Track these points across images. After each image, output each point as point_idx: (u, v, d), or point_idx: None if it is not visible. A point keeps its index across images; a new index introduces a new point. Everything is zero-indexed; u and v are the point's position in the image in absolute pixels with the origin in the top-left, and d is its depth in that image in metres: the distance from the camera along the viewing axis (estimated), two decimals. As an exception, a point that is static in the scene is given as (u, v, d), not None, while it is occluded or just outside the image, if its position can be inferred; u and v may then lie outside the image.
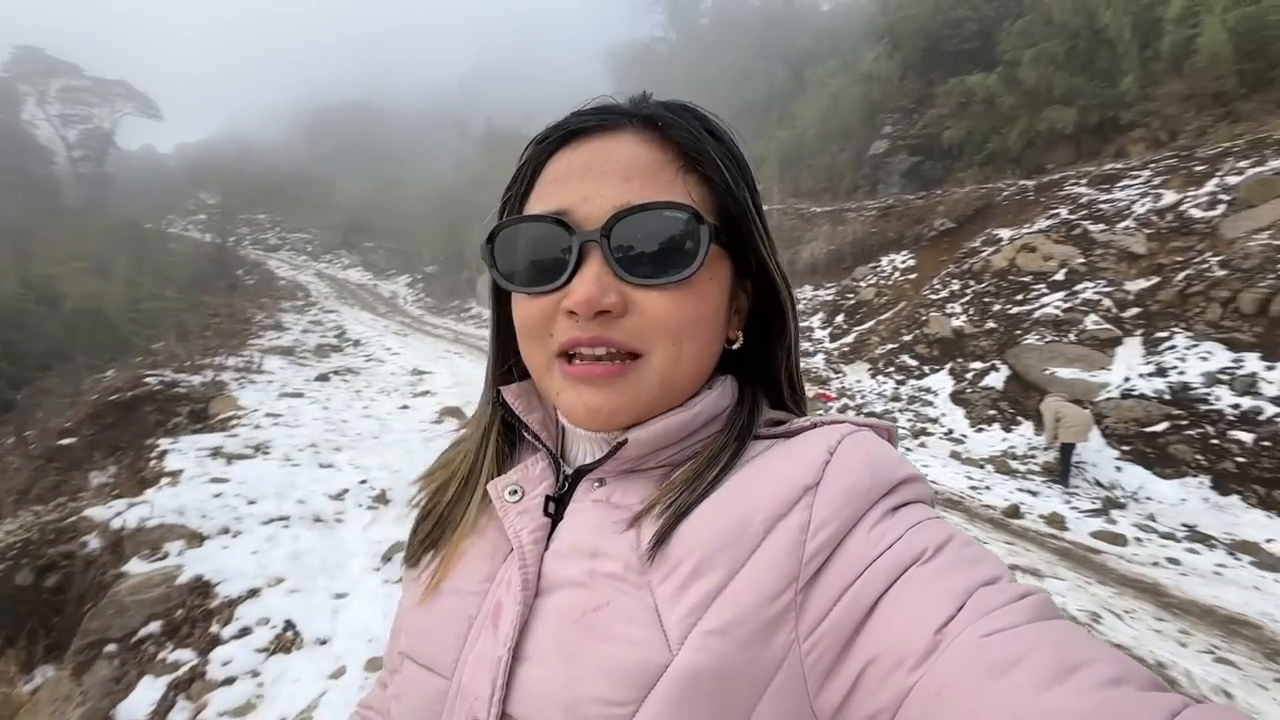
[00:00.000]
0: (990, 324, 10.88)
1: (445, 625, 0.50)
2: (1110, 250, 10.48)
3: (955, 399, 10.40)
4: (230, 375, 8.79)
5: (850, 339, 12.96)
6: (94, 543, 3.62)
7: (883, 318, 13.04)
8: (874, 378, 11.61)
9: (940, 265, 13.02)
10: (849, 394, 11.20)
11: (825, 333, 13.94)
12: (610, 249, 0.45)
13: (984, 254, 12.04)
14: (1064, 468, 7.68)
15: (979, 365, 10.58)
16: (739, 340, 0.53)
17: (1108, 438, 8.20)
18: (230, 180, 45.78)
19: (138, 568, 3.33)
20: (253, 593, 3.10)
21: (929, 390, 10.78)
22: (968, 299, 11.57)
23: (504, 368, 0.57)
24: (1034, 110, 15.34)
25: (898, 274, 13.98)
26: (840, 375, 11.86)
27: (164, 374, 8.35)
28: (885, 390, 11.14)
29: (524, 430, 0.54)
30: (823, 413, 0.52)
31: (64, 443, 6.99)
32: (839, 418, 0.50)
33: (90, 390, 9.25)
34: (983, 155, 16.39)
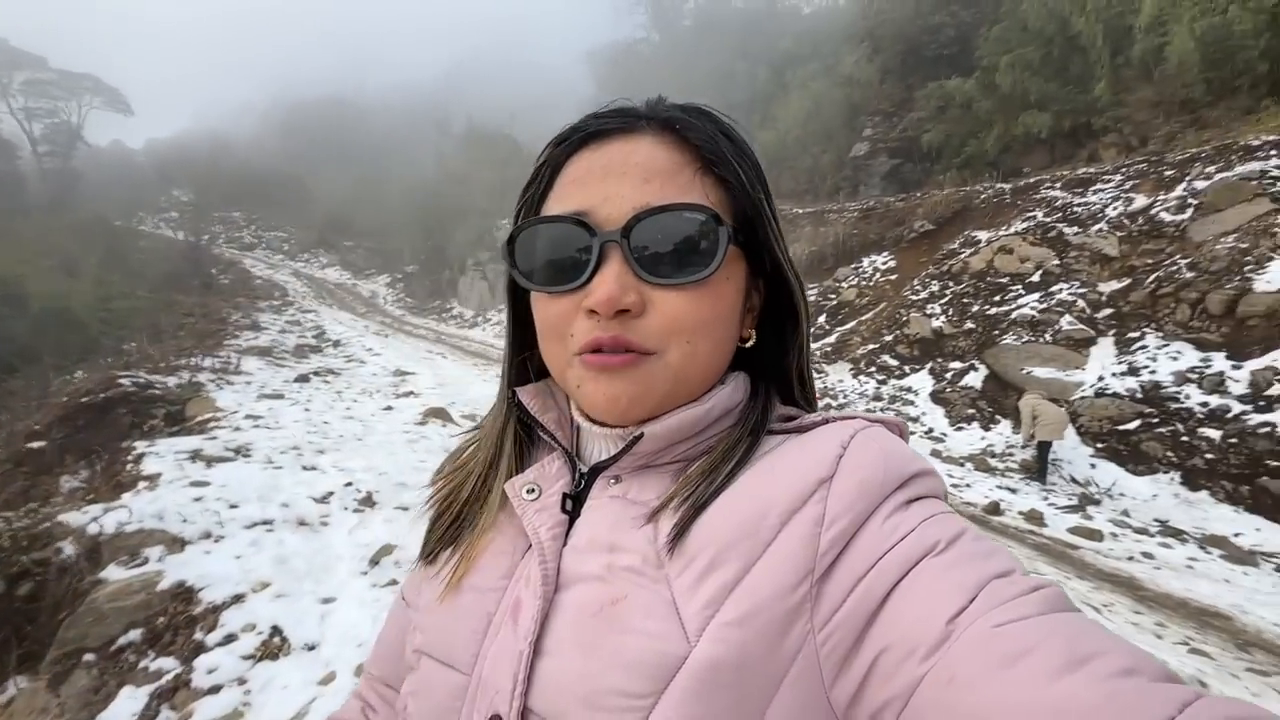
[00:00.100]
0: (969, 324, 11.07)
1: (464, 621, 0.50)
2: (1084, 252, 10.73)
3: (935, 398, 10.56)
4: (207, 376, 8.59)
5: (832, 339, 13.09)
6: (69, 549, 3.51)
7: (864, 318, 13.20)
8: (856, 378, 11.74)
9: (920, 266, 13.21)
10: (831, 394, 11.31)
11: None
12: (630, 249, 0.45)
13: (962, 255, 12.25)
14: (1041, 465, 7.85)
15: (958, 365, 10.77)
16: (752, 339, 0.54)
17: (1082, 435, 8.40)
18: (203, 177, 44.70)
19: (116, 574, 3.24)
20: (237, 598, 3.04)
21: (910, 390, 10.94)
22: (947, 300, 11.76)
23: (520, 357, 0.57)
24: (1010, 115, 15.67)
25: (879, 275, 14.15)
26: (822, 375, 11.95)
27: (138, 375, 8.12)
28: (867, 390, 11.27)
29: (539, 430, 0.55)
30: (835, 408, 0.53)
31: (33, 446, 6.75)
32: (851, 413, 0.50)
33: (60, 392, 8.96)
34: (961, 158, 16.69)
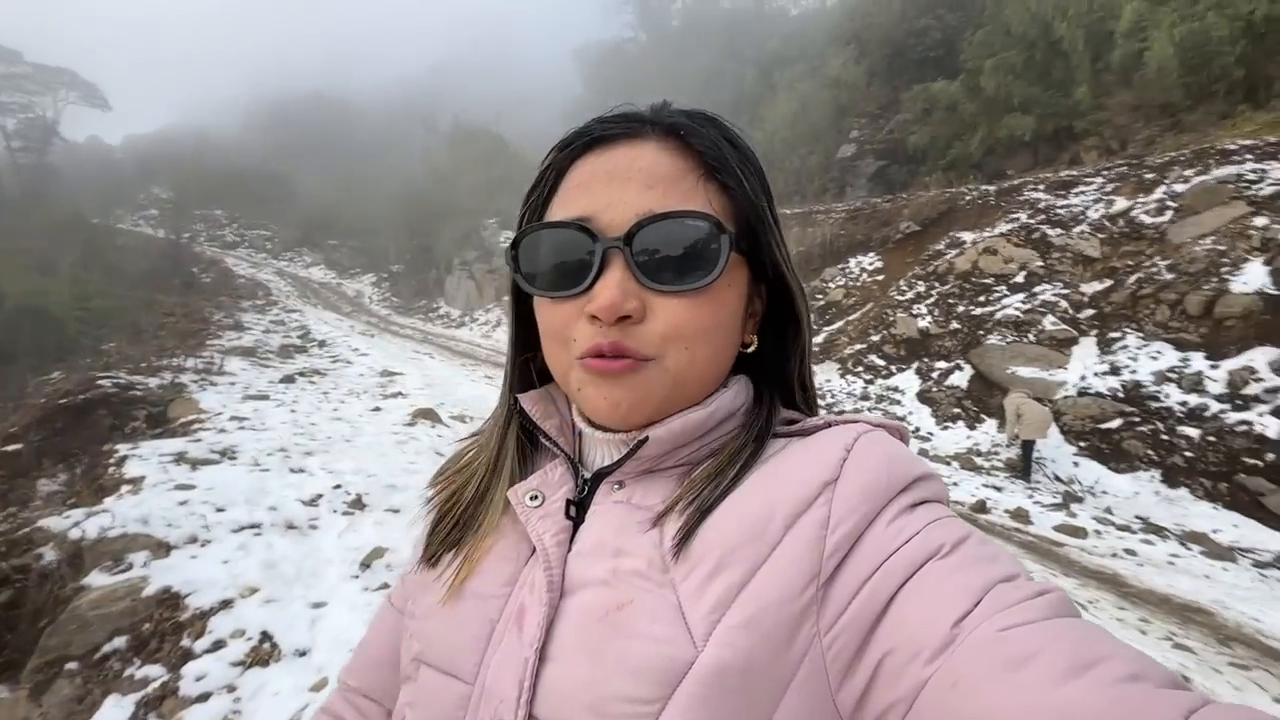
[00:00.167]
0: (954, 324, 11.20)
1: (465, 629, 0.49)
2: (1066, 254, 10.90)
3: (922, 398, 10.67)
4: (190, 377, 8.45)
5: (820, 339, 13.17)
6: (50, 555, 3.44)
7: (851, 318, 13.29)
8: (843, 377, 11.83)
9: (906, 267, 13.33)
10: (819, 394, 11.30)
11: (796, 333, 14.16)
12: (633, 255, 0.45)
13: (948, 256, 12.38)
14: (1025, 464, 7.96)
15: (944, 365, 10.88)
16: (754, 344, 0.54)
17: (1065, 434, 8.53)
18: (184, 174, 43.93)
19: (99, 580, 3.17)
20: (225, 604, 2.99)
21: (896, 389, 11.03)
22: (933, 300, 11.88)
23: (522, 358, 0.57)
24: (994, 118, 15.86)
25: (865, 275, 14.26)
26: (811, 375, 12.01)
27: (118, 376, 7.98)
28: (854, 390, 11.36)
29: (541, 436, 0.55)
30: (838, 412, 0.53)
31: (9, 449, 6.61)
32: (854, 416, 0.50)
33: (36, 393, 8.78)
34: (946, 160, 16.86)
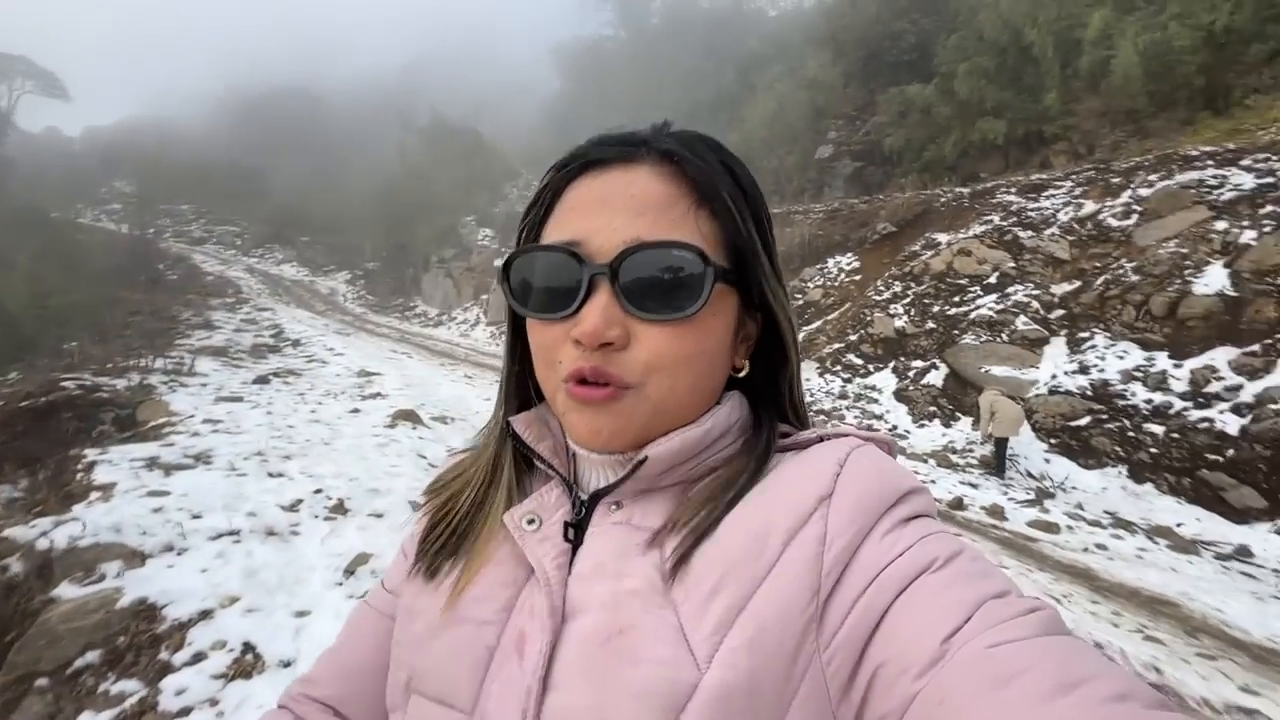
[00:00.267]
0: (930, 324, 11.40)
1: (462, 656, 0.48)
2: (1038, 255, 11.17)
3: (898, 396, 10.84)
4: (159, 378, 8.21)
5: (799, 339, 13.29)
6: (16, 566, 3.30)
7: (829, 318, 13.46)
8: (822, 376, 11.97)
9: (883, 267, 13.54)
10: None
11: (775, 333, 14.29)
12: (618, 283, 0.46)
13: (924, 257, 12.60)
14: (999, 461, 8.14)
15: (920, 364, 11.08)
16: (745, 368, 0.55)
17: (1037, 431, 8.75)
18: (148, 167, 42.57)
19: (70, 592, 3.07)
20: (205, 614, 2.91)
21: (874, 388, 11.20)
22: (909, 300, 12.08)
23: (517, 368, 0.57)
24: (967, 121, 16.18)
25: (843, 275, 14.44)
26: (790, 375, 12.14)
27: (82, 377, 7.72)
28: (833, 389, 11.50)
29: (535, 459, 0.54)
30: (822, 414, 0.53)
31: (-34, 454, 6.35)
32: (845, 430, 0.52)
33: (-6, 395, 8.44)
34: (921, 162, 17.16)
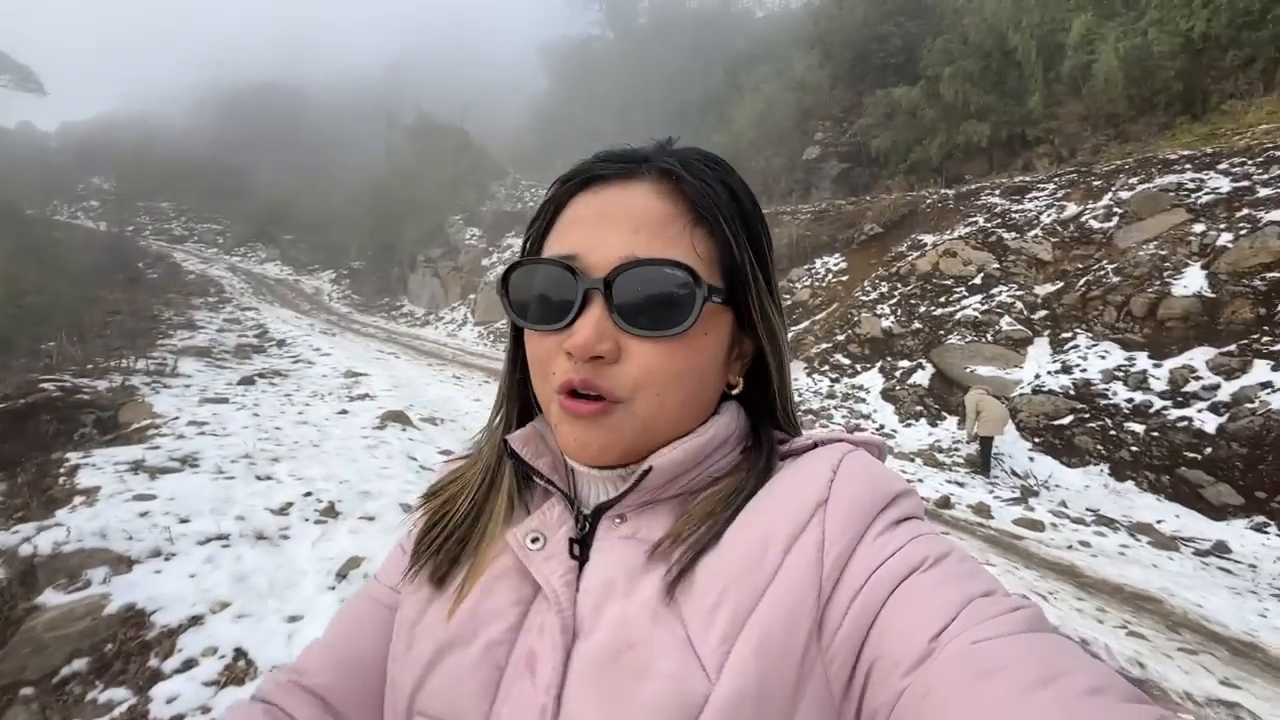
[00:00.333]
0: (916, 324, 11.53)
1: (470, 677, 0.48)
2: (1021, 257, 11.33)
3: (885, 396, 10.95)
4: (141, 379, 8.07)
5: (788, 338, 13.39)
6: (-2, 572, 3.25)
7: (817, 318, 13.55)
8: (810, 376, 12.05)
9: (870, 268, 13.66)
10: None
11: (763, 333, 14.37)
12: (611, 298, 0.46)
13: (910, 258, 12.73)
14: (984, 460, 8.25)
15: (906, 364, 11.20)
16: (739, 386, 0.55)
17: (1021, 430, 8.88)
18: (127, 164, 41.87)
19: (55, 599, 3.01)
20: (195, 620, 2.87)
21: (861, 388, 11.30)
22: (895, 301, 12.20)
23: (518, 375, 0.57)
24: (952, 124, 16.37)
25: (831, 276, 14.55)
26: (778, 374, 12.21)
27: (62, 378, 7.56)
28: (821, 389, 11.59)
29: (535, 475, 0.54)
30: (823, 427, 0.55)
31: (-59, 458, 6.20)
32: (837, 435, 0.53)
33: (-30, 397, 8.25)
34: (907, 164, 17.33)
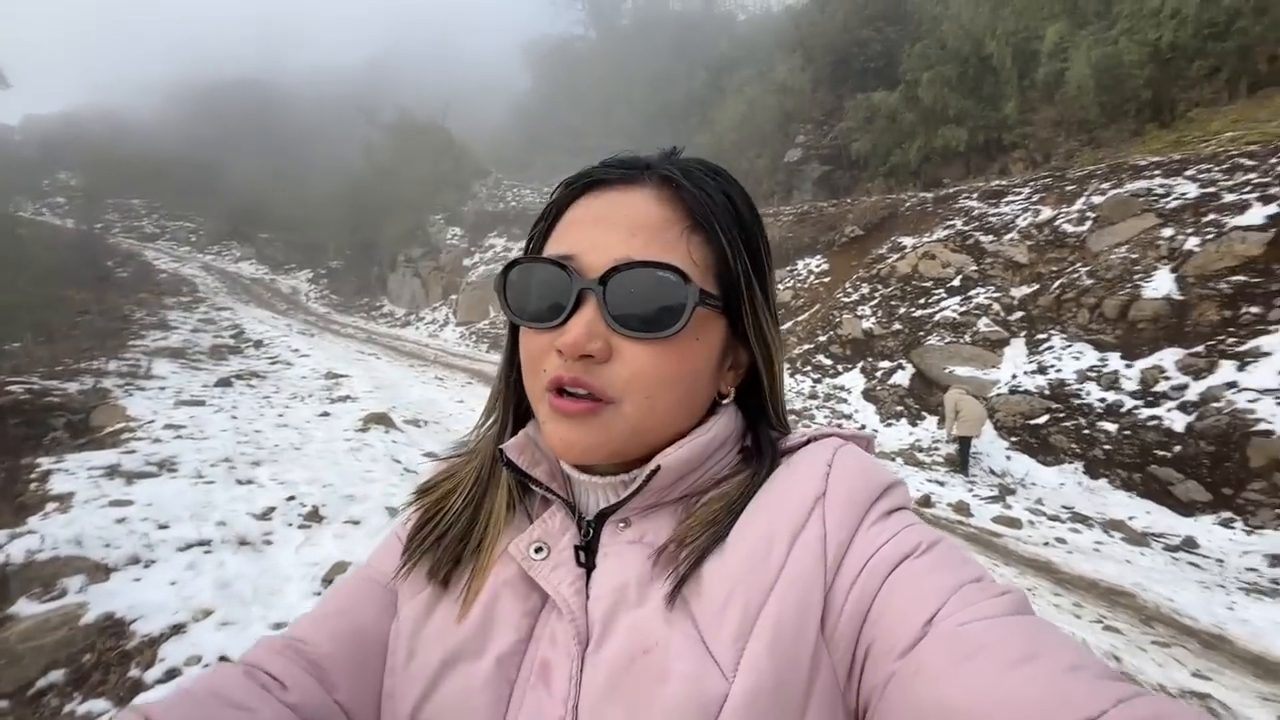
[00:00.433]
0: (896, 325, 11.69)
1: (480, 692, 0.47)
2: (998, 259, 11.56)
3: (867, 396, 11.10)
4: (113, 381, 7.88)
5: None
6: (-32, 583, 3.15)
7: (800, 319, 13.68)
8: (792, 376, 12.16)
9: (851, 270, 13.83)
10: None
11: (747, 333, 14.47)
12: (604, 299, 0.47)
13: (890, 260, 12.91)
14: (962, 459, 8.40)
15: (887, 364, 11.35)
16: (730, 396, 0.55)
17: (999, 430, 9.06)
18: (95, 159, 40.73)
19: (29, 609, 2.93)
20: (177, 629, 2.82)
21: (843, 388, 11.44)
22: (876, 302, 12.36)
23: (515, 374, 0.56)
24: (931, 128, 16.62)
25: (813, 277, 14.70)
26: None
27: (30, 380, 7.35)
28: (803, 389, 11.70)
29: (532, 484, 0.54)
30: (814, 425, 0.56)
31: (-97, 464, 5.99)
32: (829, 430, 0.54)
33: (-68, 400, 7.96)
34: (886, 167, 17.56)
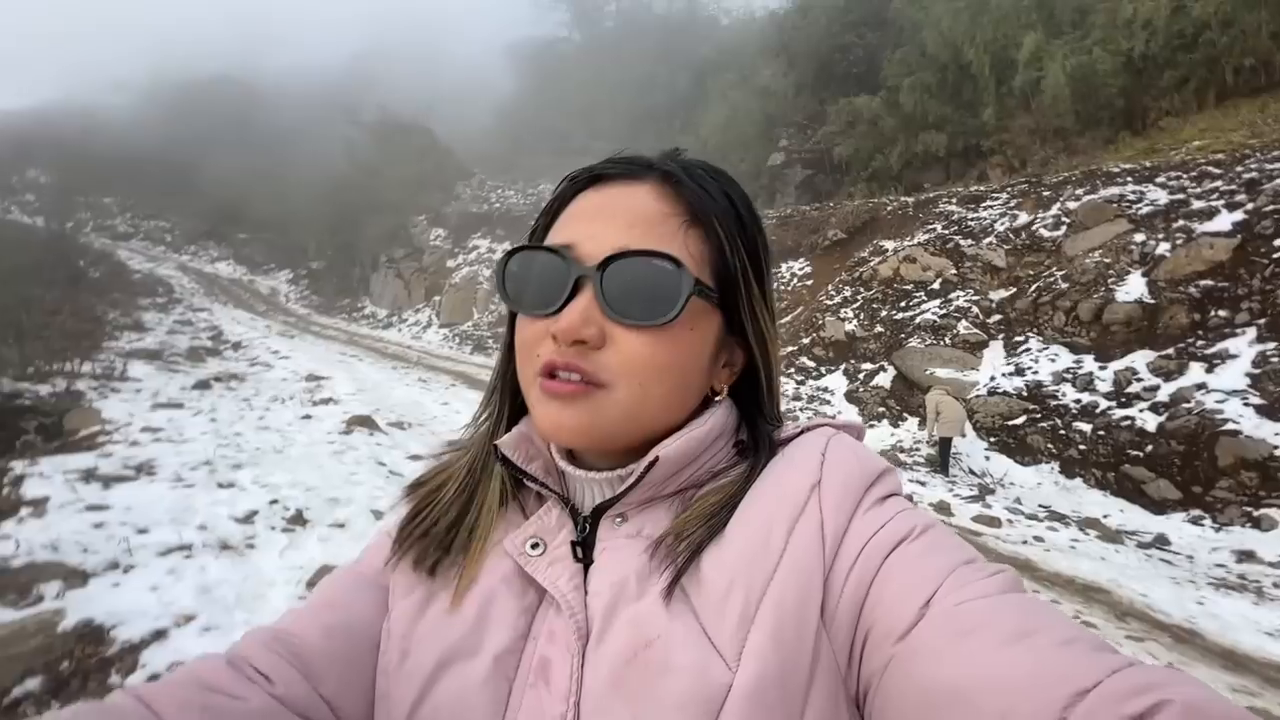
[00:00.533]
0: (878, 328, 11.83)
1: (479, 692, 0.47)
2: (977, 263, 11.76)
3: (849, 398, 11.21)
4: (87, 384, 7.71)
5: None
6: (-61, 589, 3.07)
7: (783, 321, 13.78)
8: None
9: (834, 273, 13.98)
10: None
11: (731, 336, 14.55)
12: (601, 286, 0.47)
13: (872, 263, 13.08)
14: (943, 459, 8.52)
15: (869, 366, 11.48)
16: (724, 394, 0.55)
17: (978, 430, 9.22)
18: (67, 157, 39.85)
19: (5, 616, 2.85)
20: (159, 634, 2.77)
21: (826, 390, 11.54)
22: (858, 305, 12.50)
23: (512, 368, 0.55)
24: (911, 133, 16.90)
25: (796, 280, 14.84)
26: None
27: None
28: (787, 390, 11.78)
29: (527, 479, 0.53)
30: (809, 416, 0.57)
31: None
32: (821, 421, 0.55)
33: (-105, 403, 7.73)
34: (868, 172, 17.81)
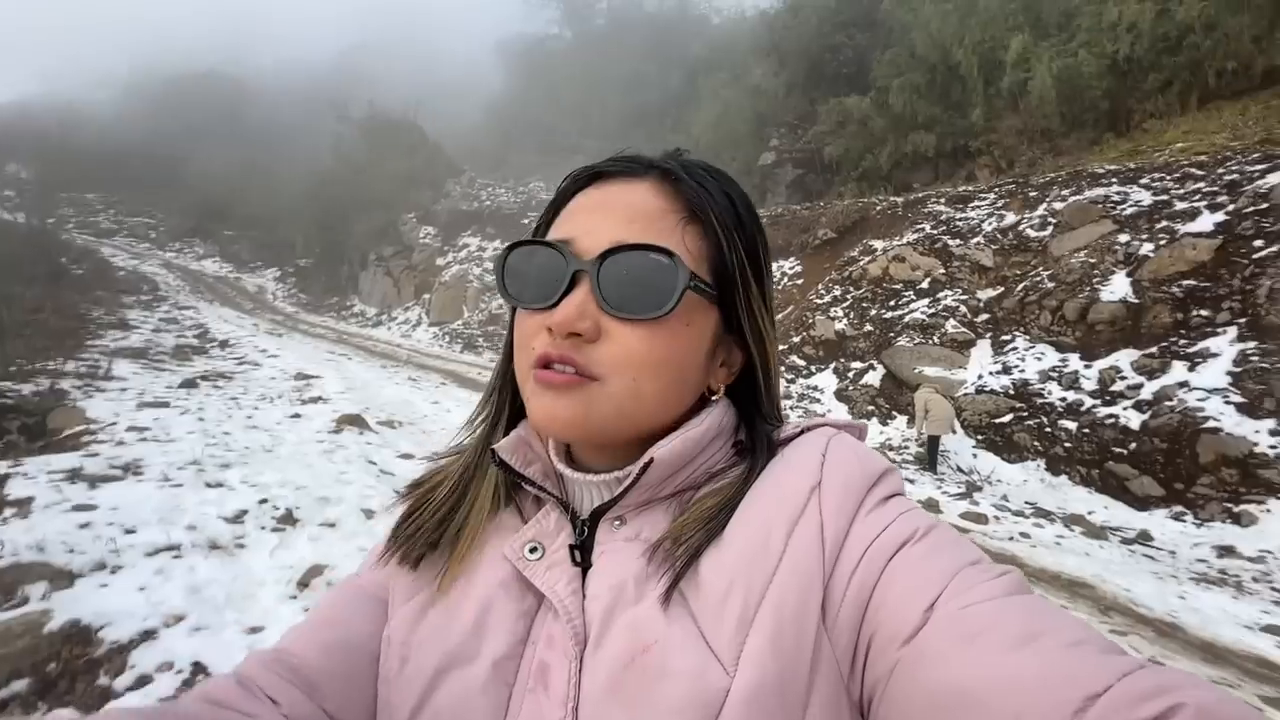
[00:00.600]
0: (868, 327, 11.91)
1: (478, 698, 0.47)
2: (965, 263, 11.87)
3: (839, 396, 11.28)
4: (71, 382, 7.61)
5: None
6: (-78, 591, 3.03)
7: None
8: (768, 377, 12.31)
9: (824, 272, 14.05)
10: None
11: (722, 334, 14.59)
12: (598, 280, 0.48)
13: (862, 263, 13.15)
14: (931, 457, 8.61)
15: (859, 365, 11.56)
16: (720, 393, 0.55)
17: (966, 428, 9.32)
18: (48, 152, 39.23)
19: (-11, 617, 2.84)
20: (147, 635, 2.75)
21: (816, 388, 11.61)
22: (848, 304, 12.58)
23: (510, 368, 0.56)
24: (901, 134, 17.00)
25: (787, 279, 14.89)
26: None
27: (-19, 382, 7.08)
28: (778, 389, 11.85)
29: (525, 483, 0.53)
30: (800, 414, 0.57)
31: None
32: (821, 420, 0.55)
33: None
34: (858, 172, 17.90)
